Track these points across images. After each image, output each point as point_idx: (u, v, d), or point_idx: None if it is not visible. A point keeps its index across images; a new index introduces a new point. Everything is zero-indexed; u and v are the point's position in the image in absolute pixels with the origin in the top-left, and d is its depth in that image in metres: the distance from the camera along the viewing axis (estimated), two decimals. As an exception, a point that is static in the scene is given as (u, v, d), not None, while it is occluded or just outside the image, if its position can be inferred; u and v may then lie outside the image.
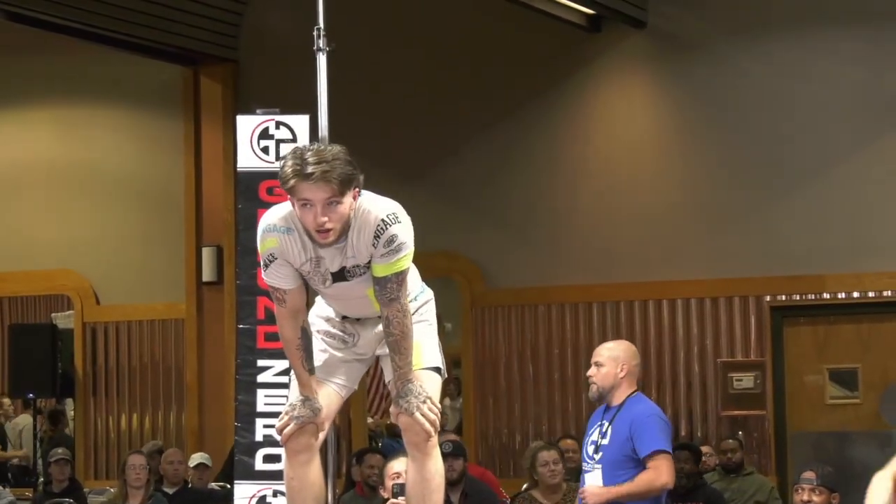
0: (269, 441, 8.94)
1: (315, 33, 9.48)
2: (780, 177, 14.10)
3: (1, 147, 16.60)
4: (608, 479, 8.52)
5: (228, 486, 10.01)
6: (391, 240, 5.29)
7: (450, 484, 8.23)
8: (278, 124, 9.25)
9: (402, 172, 13.75)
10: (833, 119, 13.97)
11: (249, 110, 9.62)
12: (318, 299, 5.86)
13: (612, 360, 8.68)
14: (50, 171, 16.44)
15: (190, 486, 12.13)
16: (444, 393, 6.13)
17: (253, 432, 9.11)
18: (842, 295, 13.77)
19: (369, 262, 5.40)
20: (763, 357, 14.38)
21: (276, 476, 8.58)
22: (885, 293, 13.81)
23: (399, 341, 5.51)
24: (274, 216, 5.45)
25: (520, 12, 14.13)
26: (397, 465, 8.10)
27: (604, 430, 8.58)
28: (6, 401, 16.79)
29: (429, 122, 14.85)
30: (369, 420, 13.62)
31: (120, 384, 16.30)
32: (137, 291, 16.16)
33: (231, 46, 15.66)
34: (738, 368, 14.44)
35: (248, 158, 9.17)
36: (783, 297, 14.31)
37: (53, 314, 16.80)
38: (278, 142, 9.03)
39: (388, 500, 8.40)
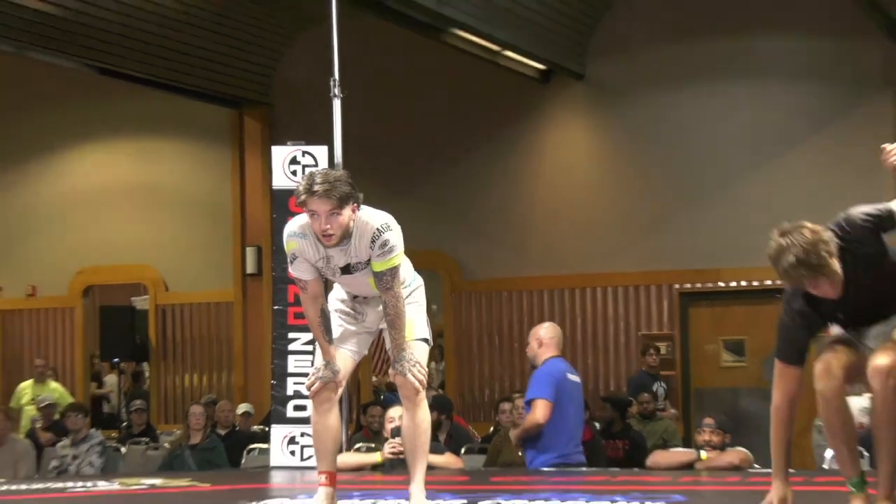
0: (297, 394, 9.04)
1: (331, 83, 9.54)
2: (687, 193, 14.12)
3: (92, 171, 16.50)
4: None
5: (267, 428, 10.02)
6: (384, 244, 5.53)
7: (437, 427, 8.30)
8: (303, 153, 9.35)
9: (399, 189, 13.76)
10: (727, 149, 14.01)
11: (282, 142, 9.73)
12: (335, 286, 5.99)
13: (534, 338, 8.85)
14: (130, 190, 16.37)
15: (237, 429, 12.15)
16: (431, 358, 6.24)
17: (285, 388, 9.25)
18: (733, 284, 13.82)
19: (369, 260, 5.58)
20: (673, 331, 14.43)
21: (304, 421, 8.66)
22: (766, 282, 13.80)
23: (394, 320, 5.71)
24: (294, 225, 5.65)
25: (489, 67, 14.15)
26: (394, 413, 8.10)
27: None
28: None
29: (419, 151, 14.88)
30: (373, 379, 13.62)
31: (183, 352, 16.28)
32: (197, 281, 16.12)
33: (267, 93, 15.64)
34: (654, 339, 14.48)
35: (280, 179, 9.27)
36: (689, 286, 14.36)
37: (133, 298, 16.74)
38: (304, 167, 9.13)
39: (387, 439, 8.41)
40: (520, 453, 8.78)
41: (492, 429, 11.59)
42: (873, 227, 4.98)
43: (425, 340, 5.90)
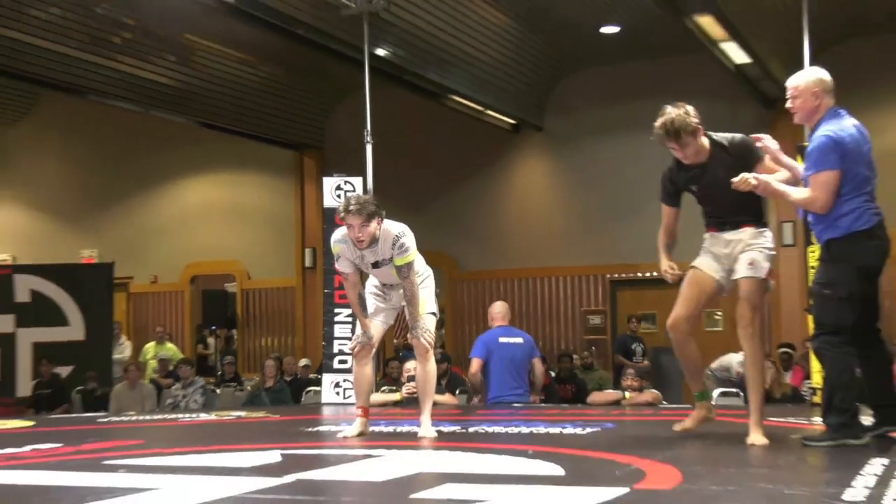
0: (340, 352, 9.06)
1: (364, 133, 9.50)
2: (614, 212, 14.08)
3: (196, 194, 16.59)
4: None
5: (319, 376, 10.00)
6: (401, 246, 5.66)
7: (441, 375, 8.28)
8: (345, 182, 9.37)
9: (413, 207, 13.67)
10: (642, 181, 13.82)
11: (329, 175, 9.69)
12: (370, 276, 6.05)
13: (489, 314, 8.95)
14: (223, 208, 16.38)
15: (298, 376, 12.11)
16: (437, 326, 6.24)
17: (332, 347, 9.25)
18: (647, 274, 13.72)
19: (391, 258, 5.67)
20: (605, 307, 14.41)
21: (345, 371, 8.65)
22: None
23: (411, 299, 5.78)
24: (338, 234, 5.80)
25: (476, 122, 14.14)
26: (410, 365, 8.11)
27: None
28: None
29: (427, 180, 14.88)
30: (395, 341, 13.55)
31: (260, 322, 16.27)
32: (270, 272, 16.10)
33: (320, 140, 15.63)
34: (591, 314, 14.46)
35: (329, 201, 9.28)
36: (616, 276, 14.34)
37: (226, 284, 16.72)
38: (345, 192, 9.09)
39: (404, 384, 8.39)
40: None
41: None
42: (748, 151, 5.04)
43: (433, 314, 5.97)
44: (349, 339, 8.40)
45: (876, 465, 3.97)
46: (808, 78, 4.91)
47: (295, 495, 3.75)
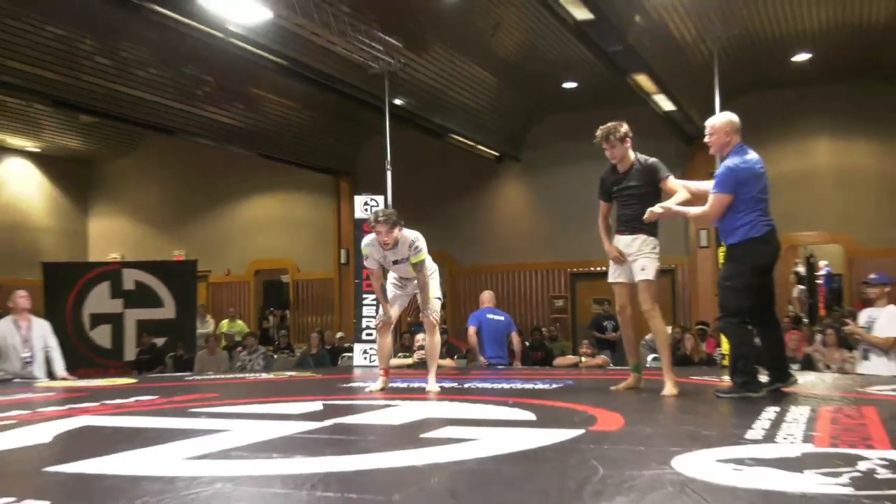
0: (367, 327, 8.99)
1: (385, 162, 9.49)
2: (574, 221, 14.04)
3: (257, 211, 16.58)
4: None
5: (351, 345, 9.94)
6: (416, 248, 5.64)
7: (442, 344, 8.27)
8: (371, 199, 9.33)
9: (422, 218, 13.64)
10: (596, 198, 13.94)
11: (359, 194, 9.65)
12: (391, 273, 5.96)
13: (480, 300, 8.85)
14: (279, 220, 16.42)
15: (336, 345, 12.06)
16: (441, 308, 6.24)
17: (361, 324, 9.21)
18: (601, 268, 13.72)
19: (408, 258, 5.62)
20: (567, 294, 14.40)
21: (372, 342, 8.57)
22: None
23: (423, 288, 5.77)
24: (367, 239, 5.76)
25: (470, 154, 14.13)
26: (419, 337, 8.08)
27: None
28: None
29: (433, 198, 14.79)
30: (409, 319, 13.52)
31: (307, 305, 16.24)
32: (314, 267, 16.09)
33: (352, 168, 15.60)
34: (556, 298, 14.44)
35: (359, 213, 9.24)
36: (576, 269, 14.32)
37: (281, 276, 16.72)
38: (371, 207, 9.07)
39: (416, 351, 8.37)
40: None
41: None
42: (655, 172, 5.04)
43: (439, 298, 5.95)
44: (374, 317, 8.40)
45: (770, 412, 3.96)
46: (722, 119, 4.91)
47: (333, 435, 3.75)
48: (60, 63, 10.52)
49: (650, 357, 9.22)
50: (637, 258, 5.06)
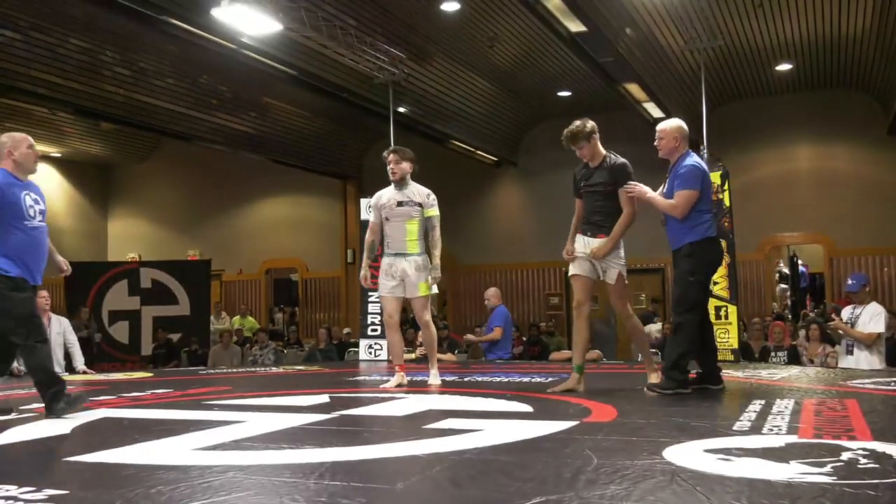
0: (372, 324, 8.94)
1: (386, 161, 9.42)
2: (568, 222, 14.05)
3: (266, 212, 16.54)
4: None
5: (357, 340, 9.91)
6: (433, 200, 5.41)
7: (443, 339, 8.25)
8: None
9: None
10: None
11: (365, 196, 9.62)
12: (384, 261, 5.36)
13: (490, 296, 8.61)
14: (288, 221, 16.38)
15: (343, 340, 12.04)
16: (441, 304, 6.09)
17: (366, 320, 9.15)
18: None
19: (418, 204, 5.26)
20: (561, 291, 14.36)
21: (376, 337, 8.55)
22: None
23: (434, 245, 5.40)
24: (376, 194, 5.49)
25: (469, 159, 14.12)
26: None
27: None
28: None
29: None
30: (411, 315, 13.54)
31: (315, 302, 16.21)
32: (322, 266, 16.07)
33: (357, 173, 15.60)
34: (551, 296, 14.42)
35: (364, 215, 9.21)
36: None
37: (290, 275, 16.71)
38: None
39: (418, 346, 8.36)
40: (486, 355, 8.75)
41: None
42: (620, 172, 4.83)
43: (427, 296, 5.53)
44: (379, 314, 8.37)
45: (756, 405, 3.94)
46: (672, 125, 4.84)
47: (340, 426, 3.72)
48: (83, 73, 10.53)
49: (638, 357, 9.20)
50: (605, 266, 4.86)
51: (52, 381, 4.10)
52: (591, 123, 4.91)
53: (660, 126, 4.88)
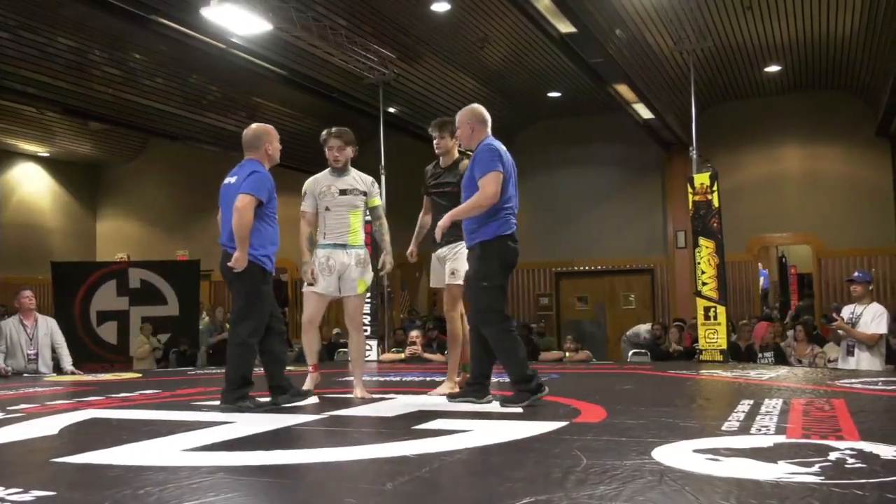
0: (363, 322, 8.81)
1: (380, 167, 9.46)
2: (559, 222, 14.08)
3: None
4: None
5: (346, 340, 9.77)
6: (377, 187, 4.97)
7: (433, 339, 8.18)
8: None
9: (415, 218, 13.67)
10: (578, 201, 13.97)
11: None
12: (319, 253, 4.76)
13: None
14: (281, 222, 16.28)
15: (332, 341, 11.96)
16: (432, 304, 5.93)
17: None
18: (583, 268, 13.77)
19: (360, 192, 4.77)
20: (551, 292, 14.36)
21: (370, 337, 8.45)
22: (598, 267, 13.75)
23: (385, 231, 4.97)
24: (310, 178, 4.96)
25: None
26: (413, 333, 8.03)
27: None
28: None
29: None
30: (401, 316, 13.47)
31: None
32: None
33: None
34: (542, 296, 14.39)
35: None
36: (560, 269, 14.29)
37: (280, 275, 16.60)
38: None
39: (408, 346, 8.32)
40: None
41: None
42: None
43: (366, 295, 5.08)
44: (369, 314, 8.32)
45: (745, 405, 3.96)
46: (464, 110, 4.41)
47: (330, 427, 3.72)
48: (71, 73, 10.48)
49: (630, 353, 9.22)
50: (449, 263, 4.71)
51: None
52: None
53: (457, 115, 4.46)
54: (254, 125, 4.64)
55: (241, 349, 4.29)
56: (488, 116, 4.41)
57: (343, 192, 4.76)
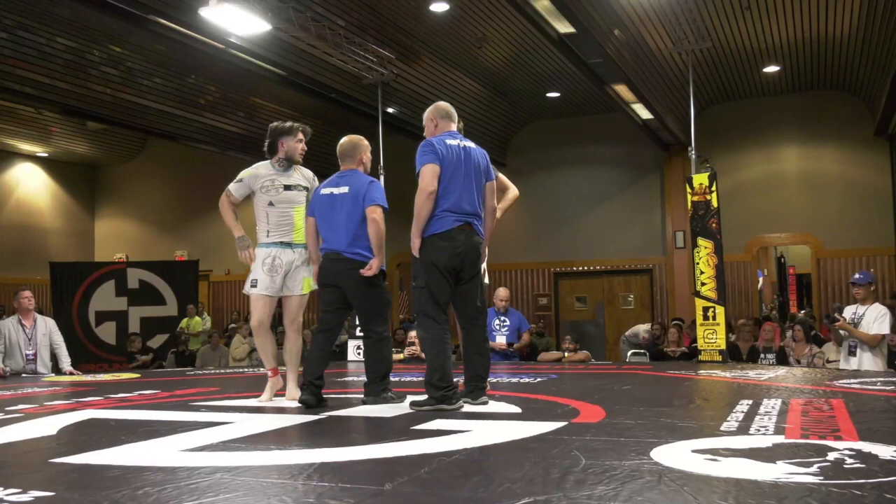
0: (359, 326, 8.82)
1: (378, 168, 9.45)
2: (556, 223, 14.08)
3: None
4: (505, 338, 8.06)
5: (345, 342, 9.77)
6: (317, 181, 4.73)
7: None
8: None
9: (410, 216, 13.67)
10: (574, 202, 13.97)
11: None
12: (261, 250, 4.63)
13: (505, 298, 8.16)
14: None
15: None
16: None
17: (354, 320, 8.95)
18: (581, 268, 13.78)
19: (305, 188, 4.63)
20: (550, 292, 14.37)
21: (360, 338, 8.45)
22: (596, 267, 13.74)
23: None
24: (253, 166, 4.73)
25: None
26: (412, 333, 8.02)
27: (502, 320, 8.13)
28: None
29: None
30: (401, 316, 13.47)
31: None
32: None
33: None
34: (540, 296, 14.41)
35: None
36: (558, 269, 14.31)
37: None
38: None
39: (407, 346, 8.32)
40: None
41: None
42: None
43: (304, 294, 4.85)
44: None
45: (744, 406, 3.96)
46: (429, 109, 4.37)
47: (328, 427, 3.72)
48: (69, 73, 10.47)
49: (629, 353, 9.22)
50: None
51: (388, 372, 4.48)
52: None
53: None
54: (348, 136, 4.70)
55: (381, 344, 4.50)
56: (453, 111, 4.39)
57: (287, 188, 4.59)
